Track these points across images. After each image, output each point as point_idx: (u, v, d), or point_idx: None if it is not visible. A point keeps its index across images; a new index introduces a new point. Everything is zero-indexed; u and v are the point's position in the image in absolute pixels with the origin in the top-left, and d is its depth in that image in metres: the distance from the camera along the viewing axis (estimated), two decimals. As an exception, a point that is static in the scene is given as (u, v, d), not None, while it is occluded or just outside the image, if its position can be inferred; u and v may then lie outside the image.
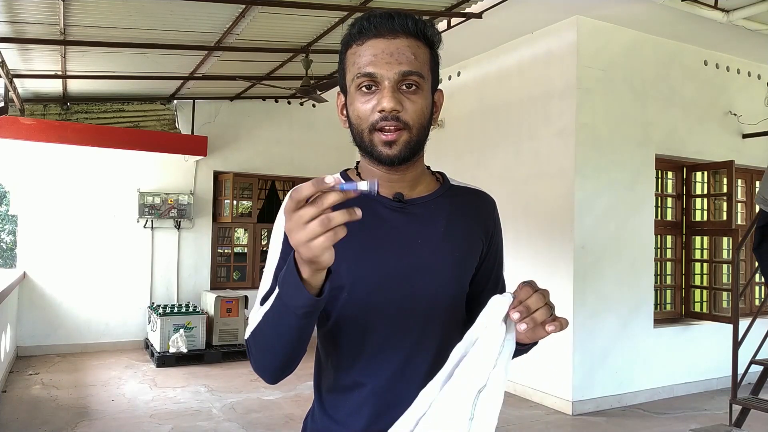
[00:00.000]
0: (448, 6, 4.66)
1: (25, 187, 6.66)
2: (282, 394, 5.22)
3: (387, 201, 1.10)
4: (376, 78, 1.02)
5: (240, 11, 4.40)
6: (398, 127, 1.03)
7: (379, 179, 1.04)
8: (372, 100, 1.03)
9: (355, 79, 1.04)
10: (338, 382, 1.10)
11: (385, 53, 1.02)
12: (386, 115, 1.02)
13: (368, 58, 1.02)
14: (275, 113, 7.93)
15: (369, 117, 1.03)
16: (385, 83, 1.02)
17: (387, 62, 1.01)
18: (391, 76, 1.01)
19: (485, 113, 5.94)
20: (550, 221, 5.11)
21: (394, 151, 1.04)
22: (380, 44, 1.03)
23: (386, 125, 1.02)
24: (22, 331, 6.55)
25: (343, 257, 1.02)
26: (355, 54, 1.05)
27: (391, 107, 1.01)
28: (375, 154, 1.05)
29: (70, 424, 4.34)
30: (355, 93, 1.05)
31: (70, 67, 5.63)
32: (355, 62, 1.04)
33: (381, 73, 1.01)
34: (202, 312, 6.62)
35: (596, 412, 4.87)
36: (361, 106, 1.04)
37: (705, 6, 4.54)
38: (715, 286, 5.82)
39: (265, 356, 0.99)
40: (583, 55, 4.94)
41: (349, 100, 1.07)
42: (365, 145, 1.06)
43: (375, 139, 1.04)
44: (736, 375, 4.20)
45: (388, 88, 1.01)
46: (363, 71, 1.02)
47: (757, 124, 6.03)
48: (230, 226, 7.92)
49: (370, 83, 1.03)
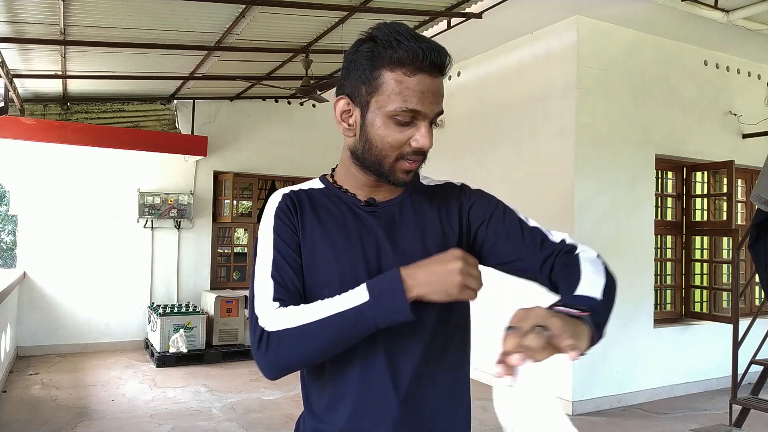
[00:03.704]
0: (448, 6, 4.66)
1: (25, 187, 6.66)
2: (282, 394, 5.22)
3: (360, 204, 1.14)
4: (420, 116, 1.04)
5: (240, 11, 4.40)
6: (423, 159, 1.10)
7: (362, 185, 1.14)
8: (406, 131, 1.05)
9: (397, 110, 1.03)
10: (320, 379, 1.12)
11: (430, 92, 1.04)
12: (420, 151, 1.07)
13: (418, 94, 1.03)
14: (275, 113, 7.93)
15: (401, 148, 1.06)
16: (425, 122, 1.05)
17: (431, 102, 1.04)
18: (431, 116, 1.06)
19: (485, 113, 5.94)
20: (550, 221, 5.11)
21: (410, 178, 1.11)
22: (427, 82, 1.03)
23: (415, 157, 1.07)
24: (22, 331, 6.55)
25: (322, 256, 1.08)
26: (401, 82, 1.03)
27: (430, 146, 1.07)
28: (392, 178, 1.09)
29: (70, 424, 4.34)
30: (388, 120, 1.05)
31: (70, 67, 5.63)
32: (400, 92, 1.03)
33: (426, 112, 1.04)
34: (202, 312, 6.62)
35: (596, 412, 4.87)
36: (396, 135, 1.05)
37: (705, 6, 4.53)
38: (715, 286, 5.83)
39: (301, 353, 1.02)
40: (583, 55, 4.94)
41: (372, 120, 1.06)
42: (382, 169, 1.09)
43: (398, 167, 1.08)
44: (736, 375, 4.20)
45: (428, 127, 1.06)
46: (411, 107, 1.03)
47: (757, 124, 6.03)
48: (230, 226, 7.92)
49: (411, 118, 1.04)
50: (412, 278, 0.97)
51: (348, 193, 1.15)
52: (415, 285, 0.97)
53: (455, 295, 0.97)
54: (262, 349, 1.02)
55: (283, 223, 1.12)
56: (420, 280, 0.97)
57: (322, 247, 1.10)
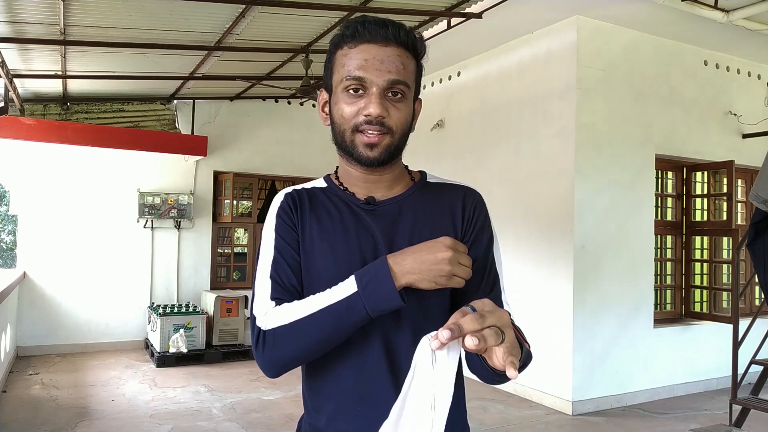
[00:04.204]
0: (448, 6, 4.66)
1: (25, 187, 6.66)
2: (282, 394, 5.22)
3: (359, 203, 1.13)
4: (365, 82, 1.05)
5: (240, 11, 4.40)
6: (382, 131, 1.06)
7: (356, 179, 1.13)
8: (358, 103, 1.06)
9: (343, 81, 1.06)
10: (318, 379, 1.13)
11: (376, 59, 1.04)
12: (371, 120, 1.05)
13: (359, 62, 1.05)
14: (275, 113, 7.93)
15: (353, 119, 1.06)
16: (374, 89, 1.04)
17: (377, 69, 1.04)
18: (380, 83, 1.04)
19: (485, 113, 5.94)
20: (550, 221, 5.11)
21: (375, 154, 1.07)
22: (372, 50, 1.05)
23: (370, 128, 1.06)
24: (22, 331, 6.55)
25: (320, 257, 1.09)
26: (345, 56, 1.07)
27: (378, 113, 1.04)
28: (356, 155, 1.08)
29: (70, 424, 4.34)
30: (341, 94, 1.07)
31: (70, 67, 5.63)
32: (345, 64, 1.06)
33: (370, 78, 1.04)
34: (202, 312, 6.62)
35: (596, 412, 4.87)
36: (346, 107, 1.07)
37: (705, 6, 4.53)
38: (715, 286, 5.83)
39: (296, 348, 1.03)
40: (583, 55, 4.94)
41: (334, 100, 1.10)
42: (346, 145, 1.09)
43: (357, 140, 1.07)
44: (736, 375, 4.19)
45: (376, 95, 1.04)
46: (353, 74, 1.05)
47: (757, 124, 6.03)
48: (230, 226, 7.92)
49: (358, 86, 1.05)
50: (399, 266, 0.98)
51: (347, 192, 1.15)
52: (403, 273, 0.98)
53: (443, 283, 0.99)
54: (260, 347, 1.04)
55: (284, 223, 1.13)
56: (408, 268, 0.98)
57: (321, 246, 1.11)
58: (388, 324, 1.07)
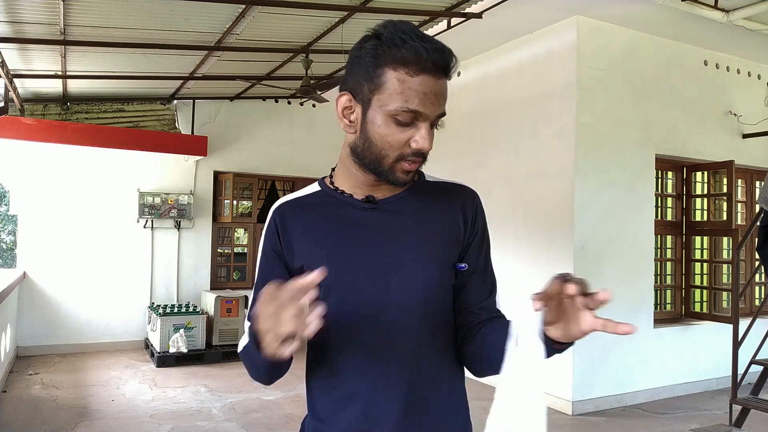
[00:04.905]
0: (448, 6, 4.66)
1: (25, 187, 6.66)
2: (282, 394, 5.22)
3: (358, 203, 1.12)
4: (420, 116, 1.02)
5: (240, 11, 4.40)
6: (422, 161, 1.07)
7: (360, 183, 1.12)
8: (407, 131, 1.03)
9: (398, 109, 1.01)
10: (321, 381, 1.13)
11: (433, 93, 1.02)
12: (419, 152, 1.04)
13: (420, 95, 1.01)
14: (275, 113, 7.93)
15: (401, 148, 1.04)
16: (426, 123, 1.03)
17: (432, 103, 1.02)
18: (432, 118, 1.04)
19: (485, 113, 5.94)
20: (550, 221, 5.11)
21: (409, 178, 1.09)
22: (430, 83, 1.01)
23: (414, 159, 1.05)
24: (22, 331, 6.55)
25: (318, 261, 1.07)
26: (403, 83, 1.00)
27: (430, 148, 1.05)
28: (391, 178, 1.07)
29: (70, 424, 4.34)
30: (389, 119, 1.03)
31: (70, 67, 5.63)
32: (402, 92, 1.00)
33: (426, 113, 1.02)
34: (202, 312, 6.62)
35: (596, 412, 4.87)
36: (396, 134, 1.03)
37: (705, 6, 4.53)
38: (715, 286, 5.82)
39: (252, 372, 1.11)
40: (583, 55, 4.94)
41: (372, 117, 1.04)
42: (381, 168, 1.07)
43: (398, 167, 1.06)
44: (736, 375, 4.20)
45: (428, 129, 1.04)
46: (412, 108, 1.01)
47: (757, 124, 6.03)
48: (230, 226, 7.92)
49: (412, 119, 1.03)
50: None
51: (344, 194, 1.14)
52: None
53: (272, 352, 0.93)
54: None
55: (269, 243, 1.16)
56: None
57: (316, 252, 1.10)
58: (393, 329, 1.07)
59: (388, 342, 1.07)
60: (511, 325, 0.97)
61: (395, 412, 1.06)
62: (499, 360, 0.96)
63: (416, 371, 1.08)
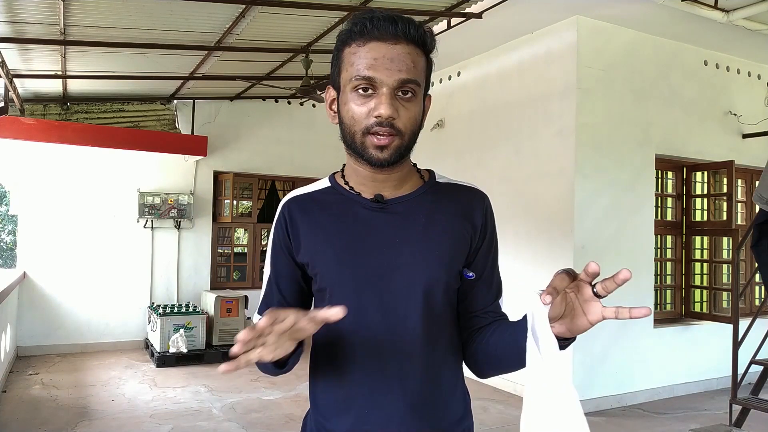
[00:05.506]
0: (448, 6, 4.66)
1: (25, 187, 6.66)
2: (282, 394, 5.22)
3: (366, 202, 1.11)
4: (375, 82, 1.02)
5: (240, 11, 4.40)
6: (391, 132, 1.03)
7: (364, 179, 1.10)
8: (368, 103, 1.03)
9: (352, 80, 1.03)
10: (325, 379, 1.13)
11: (386, 58, 1.01)
12: (381, 121, 1.02)
13: (369, 61, 1.01)
14: (275, 113, 7.93)
15: (363, 120, 1.03)
16: (384, 89, 1.02)
17: (387, 68, 1.01)
18: (390, 83, 1.01)
19: (485, 113, 5.94)
20: (550, 221, 5.11)
21: (385, 155, 1.05)
22: (382, 48, 1.01)
23: (380, 130, 1.03)
24: (22, 331, 6.55)
25: (324, 260, 1.08)
26: (354, 54, 1.03)
27: (388, 114, 1.01)
28: (366, 156, 1.06)
29: (70, 424, 4.34)
30: (350, 93, 1.04)
31: (70, 67, 5.63)
32: (353, 62, 1.03)
33: (380, 78, 1.01)
34: (202, 312, 6.62)
35: (596, 412, 4.87)
36: (356, 108, 1.03)
37: (705, 6, 4.53)
38: (715, 286, 5.82)
39: (259, 368, 1.11)
40: (583, 55, 4.94)
41: (343, 99, 1.06)
42: (356, 146, 1.06)
43: (367, 142, 1.04)
44: (736, 375, 4.20)
45: (386, 95, 1.01)
46: (362, 74, 1.02)
47: (757, 124, 6.03)
48: (230, 226, 7.92)
49: (367, 86, 1.02)
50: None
51: (353, 191, 1.13)
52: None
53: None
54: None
55: (278, 238, 1.16)
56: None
57: (324, 249, 1.10)
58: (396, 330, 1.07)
59: (391, 343, 1.07)
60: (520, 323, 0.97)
61: (399, 413, 1.06)
62: (513, 358, 0.98)
63: (420, 372, 1.08)
